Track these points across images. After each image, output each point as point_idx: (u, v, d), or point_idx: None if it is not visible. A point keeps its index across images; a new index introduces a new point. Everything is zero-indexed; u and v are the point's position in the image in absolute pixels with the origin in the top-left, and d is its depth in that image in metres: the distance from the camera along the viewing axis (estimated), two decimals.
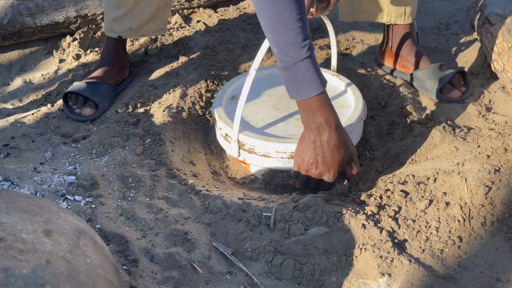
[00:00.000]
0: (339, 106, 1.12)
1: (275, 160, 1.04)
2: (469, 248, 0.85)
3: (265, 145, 1.03)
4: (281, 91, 1.18)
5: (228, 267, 0.85)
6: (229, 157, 1.16)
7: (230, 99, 1.17)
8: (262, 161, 1.05)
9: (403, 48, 1.35)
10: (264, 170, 1.08)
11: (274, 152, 1.03)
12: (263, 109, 1.13)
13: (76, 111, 1.25)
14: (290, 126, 1.08)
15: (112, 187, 1.01)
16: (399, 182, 0.98)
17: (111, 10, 1.30)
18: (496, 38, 1.24)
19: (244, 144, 1.05)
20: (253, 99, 1.16)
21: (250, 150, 1.05)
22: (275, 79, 1.23)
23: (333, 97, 1.16)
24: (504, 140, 1.02)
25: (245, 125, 1.08)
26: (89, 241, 0.65)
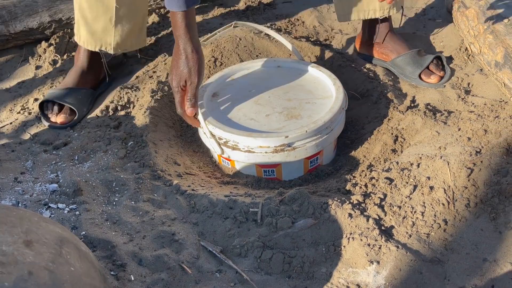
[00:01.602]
0: (320, 97, 1.13)
1: (259, 155, 1.03)
2: (454, 231, 0.86)
3: (248, 140, 1.02)
4: (262, 87, 1.18)
5: (217, 265, 0.85)
6: (214, 155, 1.16)
7: (211, 97, 1.16)
8: (246, 157, 1.04)
9: (381, 36, 1.36)
10: (249, 166, 1.07)
11: (258, 147, 1.02)
12: (244, 104, 1.13)
13: (52, 119, 1.22)
14: (273, 120, 1.07)
15: (96, 193, 1.00)
16: (383, 169, 0.99)
17: (89, 23, 1.24)
18: (472, 21, 1.26)
19: (227, 140, 1.05)
20: (235, 96, 1.16)
21: (234, 147, 1.04)
22: (256, 74, 1.22)
23: (314, 88, 1.16)
24: (484, 122, 1.03)
25: (227, 121, 1.08)
26: (72, 249, 0.64)
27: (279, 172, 1.08)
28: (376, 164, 1.07)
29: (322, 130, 1.04)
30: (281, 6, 1.73)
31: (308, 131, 1.02)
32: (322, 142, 1.05)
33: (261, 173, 1.08)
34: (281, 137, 1.01)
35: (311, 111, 1.09)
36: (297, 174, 1.10)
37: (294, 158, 1.04)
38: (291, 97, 1.13)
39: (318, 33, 1.57)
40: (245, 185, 1.07)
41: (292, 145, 1.03)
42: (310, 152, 1.05)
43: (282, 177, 1.09)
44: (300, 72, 1.22)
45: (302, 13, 1.67)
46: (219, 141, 1.06)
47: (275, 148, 1.02)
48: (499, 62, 1.11)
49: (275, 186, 1.07)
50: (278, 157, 1.03)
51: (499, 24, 1.15)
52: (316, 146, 1.05)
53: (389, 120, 1.17)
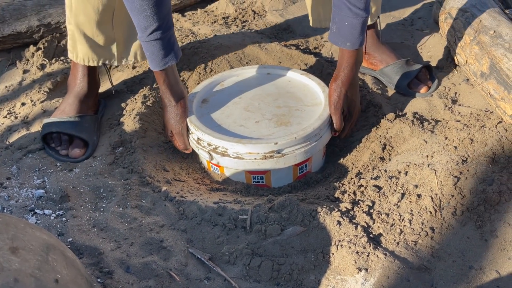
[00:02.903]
0: (310, 104, 1.14)
1: (249, 161, 1.03)
2: (441, 238, 0.87)
3: (238, 147, 1.02)
4: (252, 93, 1.18)
5: (205, 273, 0.84)
6: (203, 161, 1.16)
7: (200, 103, 1.16)
8: (236, 163, 1.04)
9: (370, 46, 1.37)
10: (238, 172, 1.07)
11: (247, 153, 1.03)
12: (234, 111, 1.13)
13: (62, 153, 1.11)
14: (262, 127, 1.08)
15: (83, 199, 0.99)
16: (372, 177, 1.00)
17: (89, 37, 1.17)
18: (458, 32, 1.28)
19: (216, 147, 1.05)
20: (224, 102, 1.16)
21: (223, 153, 1.04)
22: (245, 81, 1.23)
23: (303, 96, 1.17)
24: (470, 131, 1.04)
25: (217, 127, 1.08)
26: (59, 256, 0.63)
27: (268, 178, 1.08)
28: (365, 172, 1.08)
29: (311, 137, 1.05)
30: (271, 15, 1.74)
31: (298, 138, 1.03)
32: (311, 149, 1.06)
33: (250, 180, 1.08)
34: (271, 144, 1.02)
35: (301, 118, 1.09)
36: (286, 181, 1.10)
37: (284, 164, 1.05)
38: (281, 104, 1.14)
39: (308, 41, 1.58)
40: (234, 192, 1.07)
41: (282, 152, 1.03)
42: (299, 159, 1.06)
43: (271, 184, 1.09)
44: (289, 80, 1.23)
45: (292, 21, 1.69)
46: (208, 147, 1.06)
47: (264, 154, 1.02)
48: (485, 72, 1.13)
49: (264, 193, 1.07)
50: (268, 163, 1.03)
51: (484, 35, 1.18)
52: (305, 153, 1.05)
53: (377, 128, 1.18)
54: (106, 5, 1.14)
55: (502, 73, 1.08)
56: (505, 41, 1.12)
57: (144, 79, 1.38)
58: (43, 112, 1.28)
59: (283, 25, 1.68)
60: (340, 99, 1.08)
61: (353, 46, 1.05)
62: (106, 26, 1.18)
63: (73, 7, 1.15)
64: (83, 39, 1.18)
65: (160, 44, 1.00)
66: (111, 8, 1.16)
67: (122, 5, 1.16)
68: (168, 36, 1.00)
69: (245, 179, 1.09)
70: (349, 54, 1.07)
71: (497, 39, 1.14)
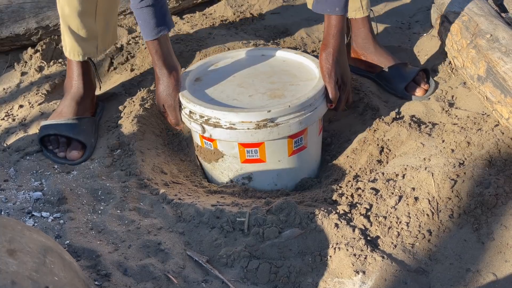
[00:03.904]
0: (304, 79, 1.12)
1: (242, 132, 1.00)
2: (438, 241, 0.87)
3: (230, 116, 0.99)
4: (246, 72, 1.16)
5: (203, 275, 0.84)
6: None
7: (193, 81, 1.14)
8: (229, 134, 1.01)
9: (367, 48, 1.38)
10: (231, 146, 1.04)
11: (240, 122, 0.99)
12: (227, 87, 1.11)
13: (60, 155, 1.11)
14: (256, 100, 1.05)
15: (81, 201, 0.99)
16: (369, 180, 1.00)
17: (73, 31, 1.18)
18: (455, 35, 1.29)
19: (209, 118, 1.02)
20: (218, 80, 1.14)
21: (216, 124, 1.01)
22: (239, 62, 1.21)
23: (298, 72, 1.15)
24: (467, 134, 1.05)
25: (210, 101, 1.05)
26: (56, 258, 0.63)
27: (262, 152, 1.05)
28: (362, 175, 1.08)
29: (305, 107, 1.02)
30: (269, 17, 1.75)
31: (292, 106, 1.00)
32: (306, 119, 1.03)
33: (244, 155, 1.05)
34: (264, 112, 0.99)
35: (295, 91, 1.07)
36: (282, 156, 1.07)
37: (278, 135, 1.01)
38: (275, 80, 1.11)
39: (305, 44, 1.59)
40: (232, 194, 1.07)
41: (275, 121, 0.99)
42: (293, 129, 1.02)
43: (266, 158, 1.06)
44: (284, 59, 1.21)
45: (290, 24, 1.70)
46: (201, 119, 1.03)
47: (257, 123, 0.99)
48: (482, 76, 1.14)
49: (262, 195, 1.07)
50: (261, 133, 1.00)
51: (481, 39, 1.18)
52: (299, 123, 1.02)
53: (375, 131, 1.19)
54: None
55: (498, 76, 1.08)
56: (502, 44, 1.13)
57: (142, 81, 1.39)
58: (41, 114, 1.28)
59: (281, 28, 1.68)
60: (333, 67, 1.07)
61: (342, 11, 1.05)
62: (89, 19, 1.19)
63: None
64: (69, 32, 1.20)
65: (152, 11, 1.01)
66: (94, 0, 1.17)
67: None
68: (160, 4, 1.01)
69: (239, 154, 1.05)
70: (338, 21, 1.06)
71: (494, 43, 1.15)
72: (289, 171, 1.10)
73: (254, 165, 1.07)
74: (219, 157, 1.08)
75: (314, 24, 1.70)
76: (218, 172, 1.12)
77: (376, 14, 1.79)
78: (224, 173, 1.11)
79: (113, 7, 1.26)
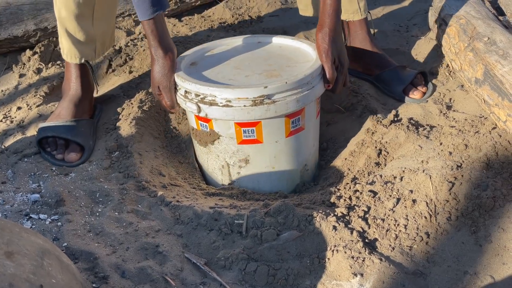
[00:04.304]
0: (302, 61, 1.11)
1: (238, 109, 0.98)
2: (436, 243, 0.87)
3: (226, 92, 0.98)
4: (242, 56, 1.15)
5: (201, 278, 0.84)
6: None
7: (189, 65, 1.13)
8: (225, 112, 0.99)
9: (365, 51, 1.38)
10: (228, 125, 1.03)
11: (236, 99, 0.98)
12: (224, 69, 1.10)
13: (58, 157, 1.10)
14: (252, 79, 1.04)
15: (79, 203, 0.99)
16: (367, 182, 1.00)
17: (71, 34, 1.18)
18: (453, 38, 1.29)
19: (204, 96, 1.00)
20: (214, 64, 1.13)
21: (211, 102, 0.99)
22: (236, 48, 1.21)
23: (295, 56, 1.14)
24: (465, 137, 1.05)
25: (205, 81, 1.04)
26: (54, 261, 0.63)
27: (259, 132, 1.03)
28: (360, 177, 1.08)
29: (302, 85, 1.01)
30: (268, 20, 1.75)
31: (288, 83, 0.99)
32: (304, 98, 1.01)
33: (240, 135, 1.03)
34: (260, 88, 0.97)
35: (292, 72, 1.05)
36: (279, 136, 1.05)
37: (275, 113, 1.00)
38: (272, 63, 1.10)
39: None
40: (231, 197, 1.07)
41: (272, 98, 0.98)
42: (291, 107, 1.01)
43: (263, 139, 1.04)
44: (280, 45, 1.21)
45: (288, 27, 1.70)
46: (196, 98, 1.01)
47: (254, 100, 0.97)
48: (479, 79, 1.14)
49: (260, 198, 1.07)
50: (258, 111, 0.98)
51: (479, 42, 1.19)
52: (297, 101, 1.00)
53: (373, 133, 1.19)
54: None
55: (496, 79, 1.09)
56: (499, 47, 1.13)
57: (140, 83, 1.39)
58: (39, 116, 1.28)
59: (280, 30, 1.69)
60: (330, 46, 1.06)
61: None
62: (86, 22, 1.18)
63: (57, 2, 1.16)
64: (66, 35, 1.19)
65: None
66: (91, 3, 1.17)
67: (101, 0, 1.18)
68: None
69: (235, 135, 1.03)
70: (333, 0, 1.06)
71: (491, 46, 1.15)
72: (287, 153, 1.08)
73: (251, 146, 1.05)
74: (215, 138, 1.06)
75: (312, 27, 1.70)
76: (214, 156, 1.09)
77: (374, 17, 1.79)
78: (220, 156, 1.08)
79: (111, 11, 1.26)
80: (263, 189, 1.12)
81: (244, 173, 1.10)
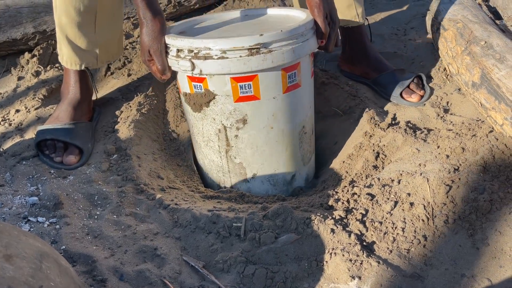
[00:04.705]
0: (292, 22, 1.09)
1: (234, 61, 0.96)
2: (434, 246, 0.87)
3: (221, 43, 0.96)
4: (233, 25, 1.13)
5: (199, 281, 0.84)
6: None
7: (178, 33, 1.11)
8: (220, 65, 0.96)
9: (363, 54, 1.39)
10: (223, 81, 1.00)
11: (232, 49, 0.95)
12: (215, 33, 1.08)
13: (56, 160, 1.10)
14: (243, 33, 1.03)
15: (77, 206, 0.99)
16: (365, 185, 1.00)
17: (71, 40, 1.18)
18: (450, 42, 1.30)
19: (198, 51, 0.97)
20: (203, 31, 1.11)
21: (206, 56, 0.97)
22: (225, 21, 1.20)
23: (285, 21, 1.12)
24: (462, 140, 1.06)
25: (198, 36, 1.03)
26: (52, 264, 0.63)
27: (256, 87, 1.00)
28: (358, 180, 1.09)
29: (297, 36, 1.00)
30: None
31: (284, 31, 0.98)
32: (299, 48, 1.00)
33: (237, 91, 1.01)
34: (256, 36, 0.96)
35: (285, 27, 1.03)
36: (276, 92, 1.03)
37: (272, 63, 0.98)
38: (262, 27, 1.09)
39: None
40: (229, 199, 1.07)
41: (268, 47, 0.97)
42: (287, 58, 0.99)
43: (260, 95, 1.02)
44: (270, 15, 1.20)
45: None
46: (189, 55, 0.98)
47: (250, 49, 0.95)
48: (476, 82, 1.15)
49: (259, 200, 1.07)
50: (254, 61, 0.96)
51: (476, 46, 1.20)
52: (293, 51, 0.99)
53: (370, 137, 1.19)
54: (87, 6, 1.14)
55: (492, 83, 1.10)
56: (496, 51, 1.14)
57: (139, 86, 1.39)
58: (37, 119, 1.28)
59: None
60: (321, 1, 1.05)
61: None
62: (88, 30, 1.18)
63: (57, 8, 1.15)
64: (66, 41, 1.18)
65: None
66: (92, 10, 1.16)
67: (104, 8, 1.17)
68: None
69: (232, 92, 1.01)
70: None
71: (488, 50, 1.16)
72: (285, 111, 1.06)
73: (248, 104, 1.03)
74: (210, 98, 1.03)
75: None
76: (209, 121, 1.06)
77: (372, 20, 1.80)
78: (216, 119, 1.05)
79: (115, 18, 1.25)
80: (262, 156, 1.09)
81: (241, 135, 1.06)
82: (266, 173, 1.13)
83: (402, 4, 1.94)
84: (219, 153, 1.11)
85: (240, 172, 1.12)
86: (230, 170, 1.12)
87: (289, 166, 1.14)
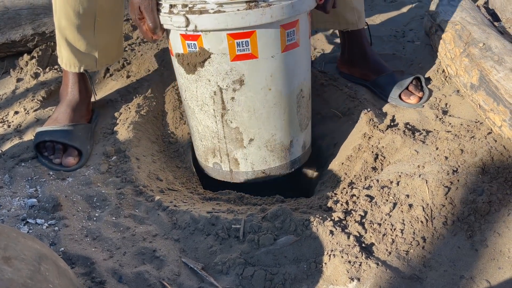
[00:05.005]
0: None
1: (231, 15, 0.91)
2: (432, 248, 0.87)
3: None
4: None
5: (198, 283, 0.84)
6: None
7: None
8: (216, 20, 0.92)
9: (362, 56, 1.39)
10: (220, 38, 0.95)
11: (229, 2, 0.91)
12: None
13: (55, 162, 1.10)
14: None
15: (76, 208, 0.99)
16: (364, 187, 1.00)
17: (70, 43, 1.18)
18: (449, 44, 1.30)
19: (193, 4, 0.92)
20: None
21: (201, 10, 0.92)
22: None
23: None
24: (460, 142, 1.06)
25: None
26: (51, 266, 0.63)
27: (254, 44, 0.96)
28: (357, 182, 1.09)
29: None
30: None
31: None
32: (298, 4, 0.96)
33: (234, 49, 0.96)
34: None
35: None
36: (275, 51, 0.98)
37: (270, 18, 0.93)
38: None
39: None
40: (228, 201, 1.07)
41: (267, 1, 0.93)
42: (286, 13, 0.95)
43: (258, 53, 0.97)
44: None
45: None
46: (183, 10, 0.93)
47: (248, 2, 0.91)
48: (475, 84, 1.15)
49: (258, 202, 1.07)
50: (253, 15, 0.92)
51: (474, 48, 1.20)
52: (292, 7, 0.95)
53: (369, 138, 1.20)
54: (86, 9, 1.14)
55: (491, 85, 1.10)
56: (494, 53, 1.14)
57: (138, 88, 1.39)
58: (36, 121, 1.28)
59: None
60: None
61: None
62: (87, 33, 1.17)
63: (57, 11, 1.15)
64: (65, 44, 1.18)
65: None
66: (92, 13, 1.15)
67: (103, 11, 1.16)
68: None
69: (228, 50, 0.96)
70: None
71: (486, 52, 1.16)
72: (283, 72, 1.02)
73: (245, 63, 0.97)
74: (205, 57, 0.97)
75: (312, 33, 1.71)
76: (204, 82, 1.01)
77: (371, 22, 1.81)
78: (211, 80, 1.00)
79: (115, 22, 1.24)
80: (259, 120, 1.05)
81: (238, 97, 1.01)
82: (263, 138, 1.08)
83: (400, 6, 1.95)
84: (214, 118, 1.05)
85: (236, 138, 1.07)
86: (226, 136, 1.07)
87: (287, 131, 1.09)
